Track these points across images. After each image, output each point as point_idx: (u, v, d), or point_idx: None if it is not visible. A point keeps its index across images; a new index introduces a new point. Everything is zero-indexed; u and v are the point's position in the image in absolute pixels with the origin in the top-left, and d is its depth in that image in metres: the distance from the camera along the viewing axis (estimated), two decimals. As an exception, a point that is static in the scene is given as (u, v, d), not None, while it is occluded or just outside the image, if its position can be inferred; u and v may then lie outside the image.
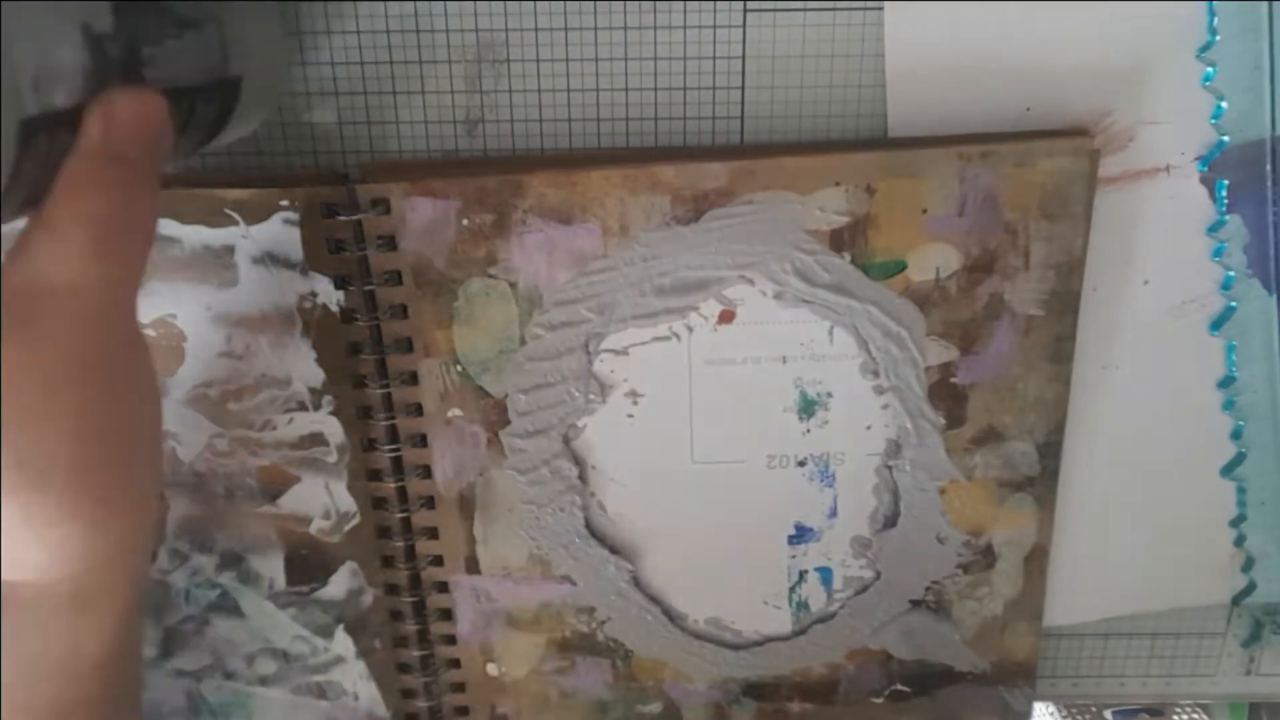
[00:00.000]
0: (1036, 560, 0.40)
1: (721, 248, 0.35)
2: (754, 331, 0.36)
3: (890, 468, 0.38)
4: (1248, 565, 0.41)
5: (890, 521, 0.39)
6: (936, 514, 0.39)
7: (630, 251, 0.35)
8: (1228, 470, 0.40)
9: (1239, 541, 0.41)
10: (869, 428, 0.38)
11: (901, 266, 0.35)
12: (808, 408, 0.38)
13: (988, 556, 0.40)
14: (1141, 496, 0.40)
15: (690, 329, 0.36)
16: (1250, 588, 0.42)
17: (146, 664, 0.41)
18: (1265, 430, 0.39)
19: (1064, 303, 0.36)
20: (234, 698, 0.42)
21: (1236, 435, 0.39)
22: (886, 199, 0.34)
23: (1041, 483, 0.39)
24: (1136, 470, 0.40)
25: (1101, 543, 0.41)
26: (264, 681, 0.42)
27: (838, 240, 0.35)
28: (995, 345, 0.37)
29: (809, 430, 0.38)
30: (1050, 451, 0.38)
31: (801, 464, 0.38)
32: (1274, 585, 0.42)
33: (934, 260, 0.35)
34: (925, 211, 0.35)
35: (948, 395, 0.37)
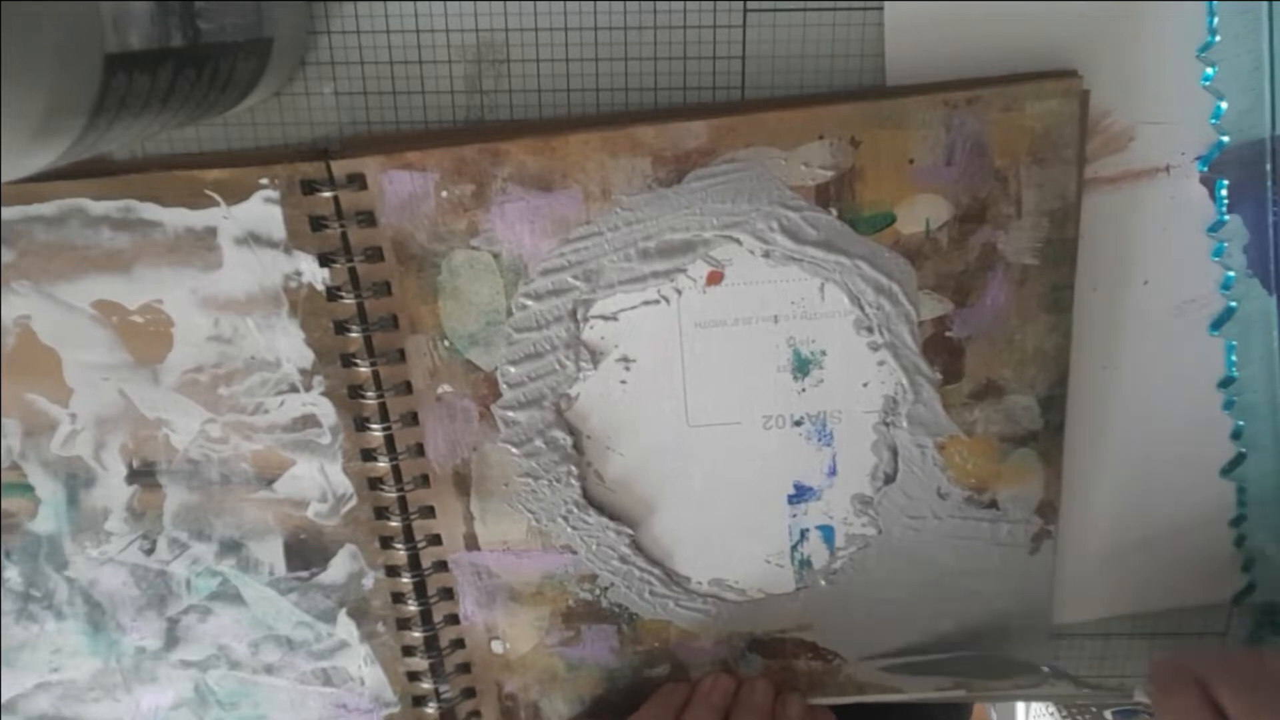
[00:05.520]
0: (1045, 516, 0.39)
1: (706, 208, 0.35)
2: (743, 292, 0.36)
3: (888, 425, 0.38)
4: (1248, 565, 0.41)
5: (890, 478, 0.39)
6: (936, 470, 0.38)
7: (613, 216, 0.35)
8: (1228, 470, 0.40)
9: (1239, 541, 0.41)
10: (865, 385, 0.37)
11: (890, 220, 0.35)
12: (802, 366, 0.37)
13: (992, 512, 0.39)
14: (1141, 497, 0.40)
15: (679, 292, 0.36)
16: (1250, 588, 0.41)
17: (151, 656, 0.41)
18: (1265, 430, 0.39)
19: (1059, 251, 0.35)
20: (240, 687, 0.42)
21: (1236, 435, 0.39)
22: (872, 151, 0.34)
23: (1045, 437, 0.38)
24: (1136, 471, 0.40)
25: (1102, 542, 0.41)
26: (269, 670, 0.42)
27: (824, 195, 0.34)
28: (990, 297, 0.36)
29: (804, 389, 0.37)
30: (1053, 405, 0.37)
31: (798, 423, 0.38)
32: (1274, 585, 0.41)
33: (923, 212, 0.35)
34: (912, 162, 0.34)
35: (943, 350, 0.37)
